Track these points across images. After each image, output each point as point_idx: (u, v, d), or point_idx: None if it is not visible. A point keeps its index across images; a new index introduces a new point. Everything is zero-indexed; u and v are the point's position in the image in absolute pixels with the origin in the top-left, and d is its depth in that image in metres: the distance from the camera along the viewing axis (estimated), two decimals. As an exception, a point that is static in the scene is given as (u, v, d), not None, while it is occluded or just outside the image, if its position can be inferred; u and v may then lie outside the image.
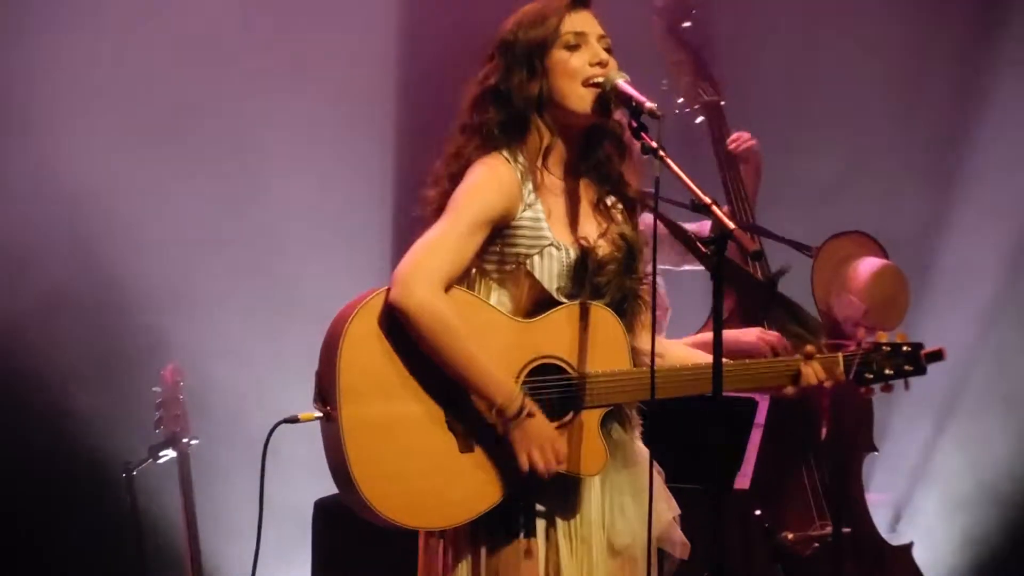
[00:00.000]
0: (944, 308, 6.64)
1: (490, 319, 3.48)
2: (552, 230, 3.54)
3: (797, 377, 3.68)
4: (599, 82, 3.51)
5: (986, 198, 6.75)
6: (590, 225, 3.60)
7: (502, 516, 3.47)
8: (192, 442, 5.62)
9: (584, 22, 3.57)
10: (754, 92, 5.80)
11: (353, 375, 3.39)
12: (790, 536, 5.10)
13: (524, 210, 3.52)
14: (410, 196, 3.65)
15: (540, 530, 3.49)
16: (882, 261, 5.29)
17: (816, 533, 5.09)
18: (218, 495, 5.84)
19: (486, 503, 3.44)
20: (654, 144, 3.39)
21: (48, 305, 6.03)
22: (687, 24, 5.56)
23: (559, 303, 3.49)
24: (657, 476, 3.59)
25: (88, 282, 6.07)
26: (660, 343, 3.64)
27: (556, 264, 3.52)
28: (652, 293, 3.54)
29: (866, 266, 5.25)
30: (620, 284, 3.55)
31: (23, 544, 6.00)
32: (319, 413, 3.43)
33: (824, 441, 5.14)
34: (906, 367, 3.79)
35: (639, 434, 3.61)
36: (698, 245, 3.37)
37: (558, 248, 3.53)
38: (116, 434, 5.97)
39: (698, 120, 5.47)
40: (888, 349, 3.79)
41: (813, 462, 5.17)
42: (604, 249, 3.56)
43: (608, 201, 3.63)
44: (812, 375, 3.67)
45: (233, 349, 6.13)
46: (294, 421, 3.49)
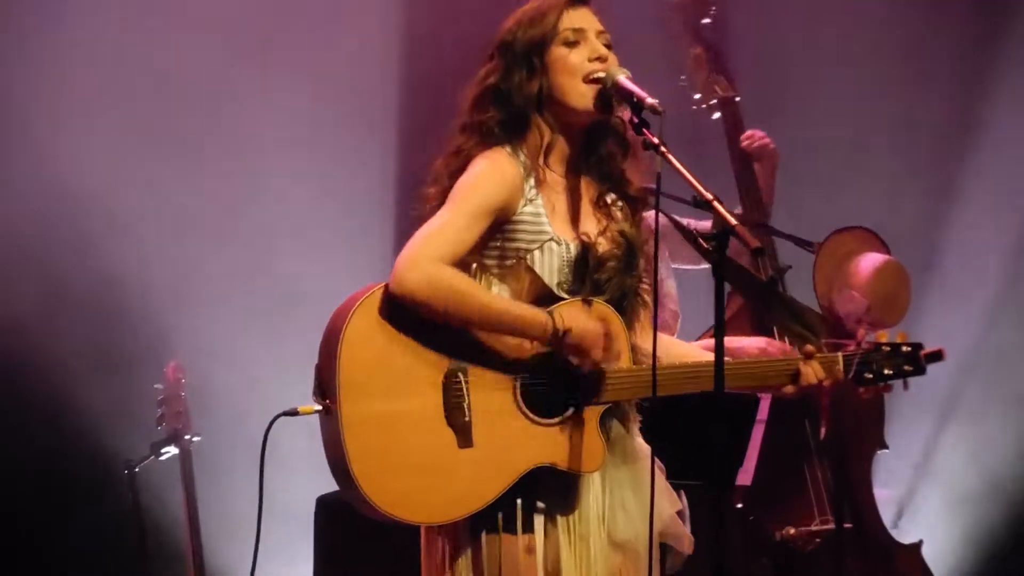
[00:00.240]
0: (946, 305, 6.63)
1: None
2: (553, 226, 3.53)
3: (796, 376, 3.66)
4: (600, 78, 3.51)
5: (988, 195, 6.74)
6: (591, 222, 3.59)
7: (502, 513, 3.47)
8: (194, 439, 5.63)
9: (582, 18, 3.56)
10: (758, 89, 5.79)
11: (353, 369, 3.39)
12: (792, 531, 5.10)
13: (525, 205, 3.52)
14: (412, 195, 3.65)
15: (539, 527, 3.49)
16: (884, 257, 5.29)
17: (818, 528, 5.08)
18: (220, 492, 5.84)
19: (485, 498, 3.43)
20: (655, 140, 3.39)
21: (50, 303, 6.04)
22: (706, 21, 5.57)
23: (559, 299, 3.49)
24: (659, 471, 3.59)
25: (89, 280, 6.07)
26: (660, 342, 3.64)
27: (556, 259, 3.52)
28: (654, 290, 3.55)
29: (868, 262, 5.25)
30: (620, 281, 3.55)
31: (25, 541, 6.01)
32: (318, 406, 3.43)
33: (827, 437, 5.14)
34: (905, 367, 3.77)
35: (638, 430, 3.61)
36: (700, 241, 3.35)
37: (559, 243, 3.53)
38: (118, 431, 5.98)
39: (714, 116, 5.49)
40: (888, 349, 3.76)
41: (817, 458, 5.17)
42: (604, 246, 3.56)
43: (608, 199, 3.63)
44: (811, 374, 3.65)
45: (235, 346, 6.14)
46: (293, 414, 3.49)
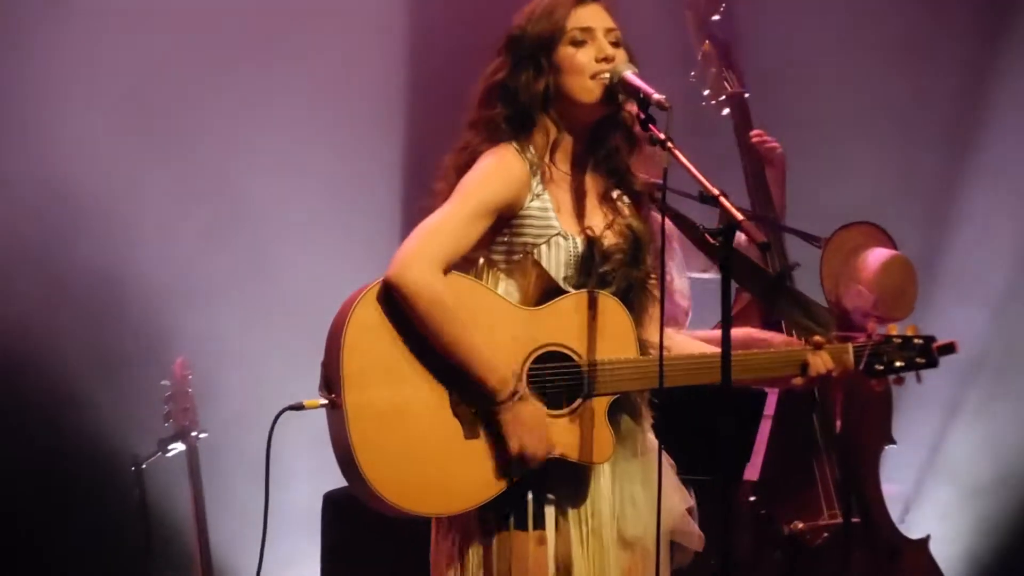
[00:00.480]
0: (954, 298, 6.62)
1: (495, 306, 3.48)
2: (560, 220, 3.53)
3: (805, 367, 3.65)
4: (604, 77, 3.50)
5: (996, 188, 6.73)
6: (597, 217, 3.59)
7: (512, 507, 3.47)
8: (201, 435, 5.63)
9: (591, 16, 3.56)
10: (762, 84, 5.78)
11: (357, 361, 3.39)
12: (800, 525, 5.09)
13: (532, 200, 3.52)
14: (419, 191, 3.65)
15: (550, 521, 3.48)
16: (891, 252, 5.29)
17: (826, 523, 5.08)
18: (227, 488, 5.84)
19: (492, 490, 3.43)
20: (662, 135, 3.39)
21: (55, 301, 6.03)
22: (716, 17, 5.58)
23: (565, 292, 3.50)
24: (669, 468, 3.59)
25: (95, 277, 6.07)
26: (668, 336, 3.63)
27: (563, 254, 3.52)
28: (661, 283, 3.54)
29: (875, 257, 5.25)
30: (626, 274, 3.55)
31: (32, 537, 6.01)
32: (324, 400, 3.43)
33: (839, 432, 5.13)
34: (918, 359, 3.78)
35: (649, 425, 3.60)
36: (706, 237, 3.35)
37: (565, 238, 3.53)
38: (125, 428, 5.98)
39: (724, 112, 5.49)
40: (899, 341, 3.77)
41: (825, 453, 5.16)
42: (611, 240, 3.56)
43: (615, 194, 3.63)
44: (821, 365, 3.64)
45: (242, 343, 6.14)
46: (299, 408, 3.49)
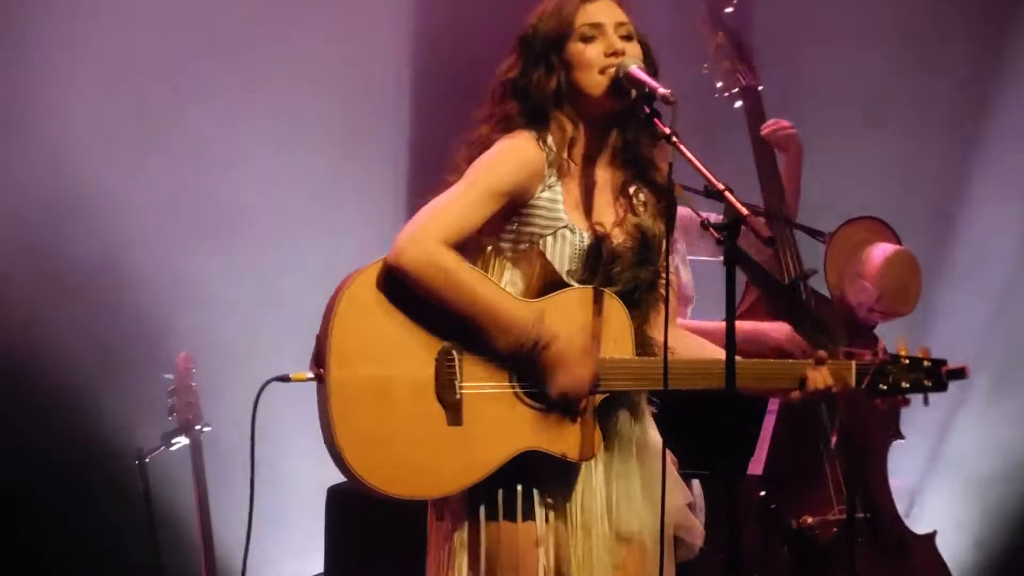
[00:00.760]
0: (958, 290, 6.62)
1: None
2: (569, 214, 3.53)
3: (804, 382, 3.59)
4: (612, 72, 3.49)
5: (1000, 180, 6.72)
6: (609, 213, 3.58)
7: (503, 500, 3.46)
8: (205, 429, 5.63)
9: (601, 11, 3.55)
10: (769, 76, 5.78)
11: (345, 338, 3.40)
12: (810, 520, 5.09)
13: (543, 190, 3.52)
14: (424, 182, 3.65)
15: (540, 515, 3.48)
16: (895, 247, 5.29)
17: (836, 518, 5.07)
18: (231, 482, 5.84)
19: (471, 478, 3.42)
20: (667, 130, 3.38)
21: (58, 295, 6.03)
22: (729, 9, 5.58)
23: (568, 286, 3.49)
24: (671, 464, 3.58)
25: (99, 271, 6.07)
26: (678, 338, 3.63)
27: (568, 247, 3.52)
28: (666, 283, 3.53)
29: (879, 252, 5.25)
30: (633, 274, 3.53)
31: (36, 531, 6.01)
32: (311, 374, 3.43)
33: (843, 428, 5.13)
34: (926, 382, 3.68)
35: (651, 423, 3.59)
36: (711, 231, 3.33)
37: (572, 231, 3.52)
38: (128, 422, 5.98)
39: (736, 104, 5.49)
40: (907, 362, 3.67)
41: (835, 448, 5.16)
42: (620, 238, 3.55)
43: (632, 189, 3.60)
44: (820, 380, 3.57)
45: (246, 336, 6.13)
46: (285, 380, 3.50)
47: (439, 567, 3.54)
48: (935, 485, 6.75)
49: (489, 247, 3.54)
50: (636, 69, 3.46)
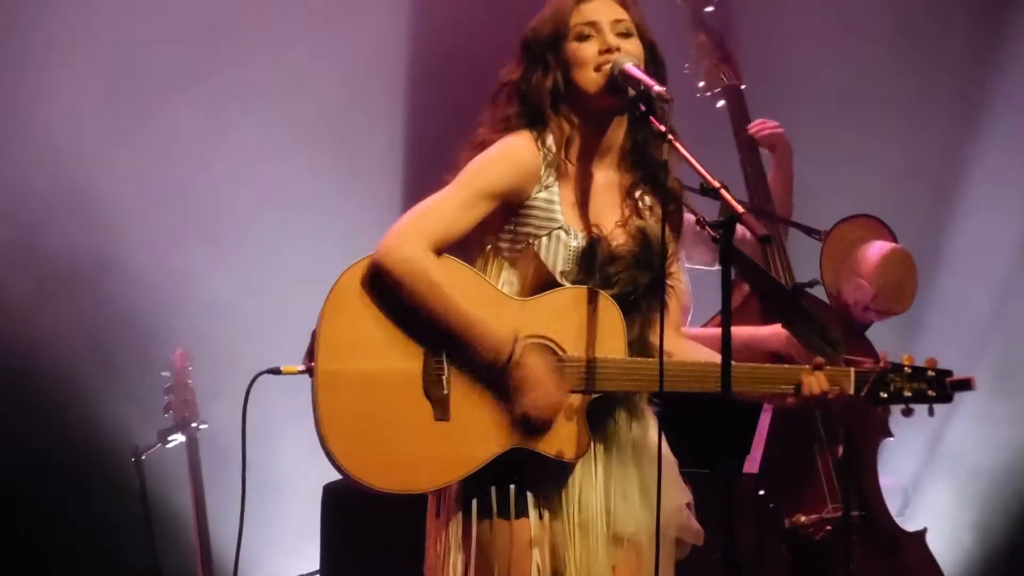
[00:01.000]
0: (957, 288, 6.62)
1: (483, 293, 3.48)
2: (565, 215, 3.53)
3: (800, 387, 3.56)
4: (607, 69, 3.49)
5: (1001, 177, 6.72)
6: (611, 215, 3.58)
7: (497, 498, 3.46)
8: (201, 426, 5.64)
9: (596, 10, 3.55)
10: (761, 76, 5.78)
11: (334, 332, 3.42)
12: (803, 519, 5.09)
13: (539, 191, 3.52)
14: (421, 180, 3.65)
15: (534, 515, 3.48)
16: (891, 245, 5.29)
17: (829, 516, 5.07)
18: (227, 479, 5.84)
19: (456, 473, 3.43)
20: (663, 128, 3.38)
21: (55, 291, 6.04)
22: (710, 8, 5.58)
23: (562, 287, 3.49)
24: (672, 463, 3.58)
25: (96, 268, 6.08)
26: (683, 346, 3.63)
27: (563, 248, 3.52)
28: (662, 285, 3.53)
29: (875, 250, 5.24)
30: (631, 276, 3.52)
31: (33, 527, 6.02)
32: (302, 367, 3.45)
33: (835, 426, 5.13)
34: (929, 392, 3.62)
35: (652, 424, 3.57)
36: (707, 229, 3.33)
37: (567, 232, 3.52)
38: (125, 419, 5.98)
39: (719, 104, 5.49)
40: (910, 371, 3.61)
41: (828, 446, 5.16)
42: (621, 240, 3.55)
43: (639, 191, 3.60)
44: (816, 385, 3.54)
45: (243, 333, 6.13)
46: (276, 372, 3.55)
47: (435, 564, 3.54)
48: (932, 482, 6.75)
49: (488, 246, 3.56)
50: (631, 67, 3.46)
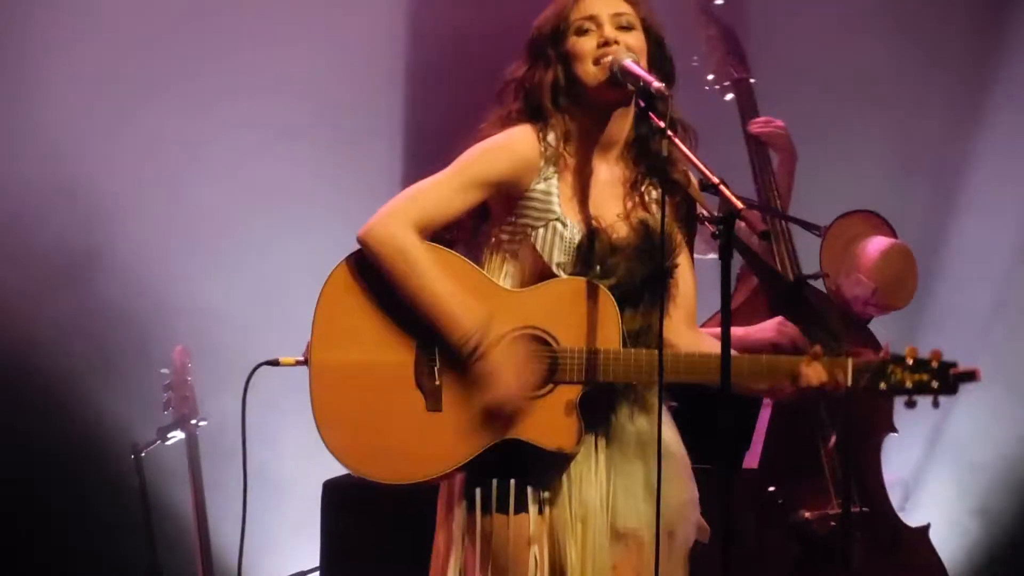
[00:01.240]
0: (957, 281, 6.62)
1: (476, 283, 3.49)
2: (563, 207, 3.53)
3: (796, 377, 3.52)
4: (606, 62, 3.49)
5: (1001, 173, 6.71)
6: (613, 207, 3.57)
7: (497, 493, 3.47)
8: (201, 423, 5.64)
9: (597, 3, 3.56)
10: (763, 72, 5.78)
11: (328, 322, 3.45)
12: (808, 515, 5.09)
13: (538, 183, 3.53)
14: (418, 177, 3.65)
15: (534, 509, 3.47)
16: (891, 240, 5.29)
17: (834, 512, 5.07)
18: (226, 476, 5.84)
19: (447, 464, 3.44)
20: (662, 124, 3.38)
21: (55, 287, 6.04)
22: (720, 1, 5.58)
23: (557, 277, 3.49)
24: (681, 460, 3.57)
25: (95, 263, 6.08)
26: (688, 336, 3.62)
27: (558, 239, 3.51)
28: (661, 276, 3.52)
29: (875, 245, 5.25)
30: (631, 268, 3.52)
31: (32, 524, 6.02)
32: (300, 358, 3.48)
33: (839, 422, 5.13)
34: (932, 383, 3.53)
35: (661, 419, 3.55)
36: (706, 224, 3.33)
37: (563, 224, 3.52)
38: (125, 416, 5.98)
39: (727, 97, 5.48)
40: (912, 362, 3.53)
41: (828, 440, 5.15)
42: (622, 232, 3.55)
43: (644, 185, 3.59)
44: (812, 376, 3.48)
45: (242, 330, 6.13)
46: (275, 364, 3.61)
47: (441, 553, 3.55)
48: (933, 476, 6.75)
49: (493, 239, 3.57)
50: (630, 63, 3.46)
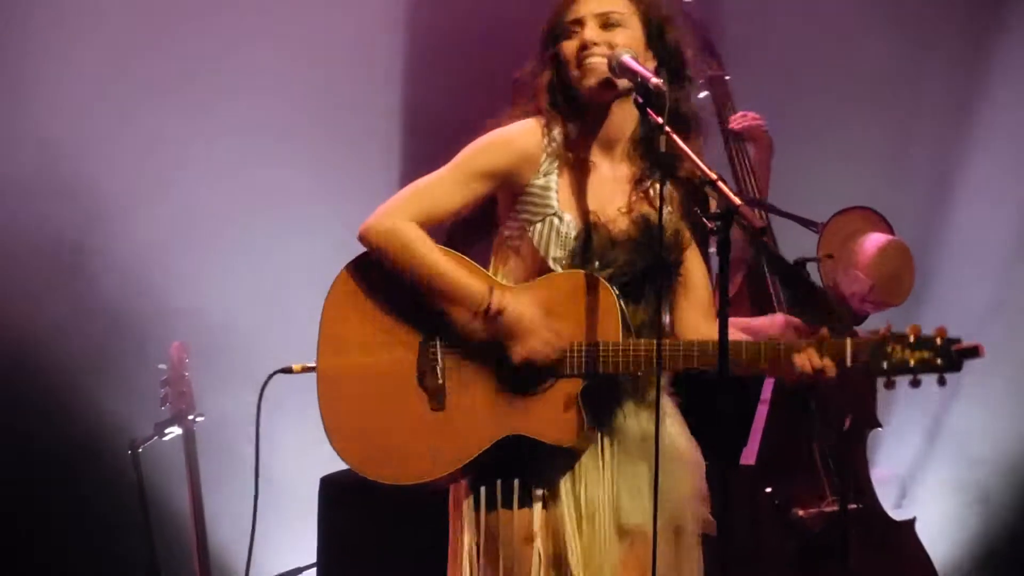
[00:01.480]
0: (953, 277, 6.62)
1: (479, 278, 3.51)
2: (561, 202, 3.55)
3: (794, 362, 3.45)
4: (589, 64, 3.51)
5: (997, 168, 6.71)
6: (615, 203, 3.58)
7: (502, 492, 3.48)
8: (198, 419, 5.64)
9: (580, 6, 3.57)
10: (755, 69, 5.78)
11: (333, 326, 3.50)
12: (801, 512, 5.09)
13: (537, 178, 3.55)
14: (418, 173, 3.66)
15: (538, 507, 3.49)
16: (887, 236, 5.29)
17: (828, 509, 5.08)
18: (224, 472, 5.85)
19: (453, 464, 3.46)
20: (659, 120, 3.38)
21: (53, 283, 6.04)
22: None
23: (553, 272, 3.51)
24: (688, 454, 3.58)
25: (93, 259, 6.08)
26: (704, 328, 3.62)
27: (555, 234, 3.53)
28: (663, 271, 3.53)
29: (872, 242, 5.25)
30: (630, 261, 3.53)
31: (30, 520, 6.02)
32: (311, 364, 3.52)
33: (826, 418, 5.14)
34: (936, 361, 3.44)
35: (671, 415, 3.57)
36: (704, 220, 3.33)
37: (560, 219, 3.54)
38: (122, 412, 5.98)
39: (702, 95, 5.47)
40: (913, 340, 3.44)
41: (823, 439, 5.16)
42: (622, 226, 3.56)
43: (649, 181, 3.60)
44: (805, 361, 3.43)
45: (240, 326, 6.13)
46: (288, 371, 3.64)
47: (454, 550, 3.58)
48: (933, 471, 6.75)
49: (500, 236, 3.61)
50: (628, 59, 3.47)
